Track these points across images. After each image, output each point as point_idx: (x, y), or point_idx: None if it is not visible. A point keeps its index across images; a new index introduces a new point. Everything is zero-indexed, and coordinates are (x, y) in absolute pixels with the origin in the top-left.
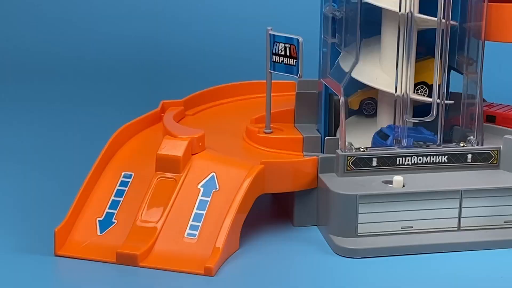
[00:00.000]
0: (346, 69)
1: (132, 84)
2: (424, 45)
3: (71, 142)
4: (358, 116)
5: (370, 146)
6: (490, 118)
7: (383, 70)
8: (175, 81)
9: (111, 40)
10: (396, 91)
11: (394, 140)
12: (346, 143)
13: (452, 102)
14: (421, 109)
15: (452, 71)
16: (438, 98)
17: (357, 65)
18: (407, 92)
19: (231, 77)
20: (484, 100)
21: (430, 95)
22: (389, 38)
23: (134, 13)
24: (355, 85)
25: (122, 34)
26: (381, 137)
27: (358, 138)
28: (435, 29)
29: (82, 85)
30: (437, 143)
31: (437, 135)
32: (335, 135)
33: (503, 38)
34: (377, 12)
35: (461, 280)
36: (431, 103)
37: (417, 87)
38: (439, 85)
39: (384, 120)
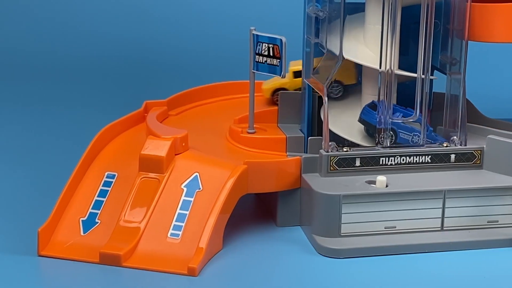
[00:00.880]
0: (330, 69)
1: (115, 84)
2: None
3: (54, 142)
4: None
5: (359, 118)
6: None
7: (367, 46)
8: (159, 81)
9: (94, 41)
10: (380, 67)
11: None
12: (330, 143)
13: (435, 78)
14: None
15: (435, 71)
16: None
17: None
18: (392, 68)
19: (215, 77)
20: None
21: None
22: (373, 13)
23: (117, 14)
24: None
25: (105, 34)
26: (371, 107)
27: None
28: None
29: (65, 86)
30: (421, 143)
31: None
32: (318, 136)
33: (487, 38)
34: (360, 11)
35: (444, 280)
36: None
37: (333, 85)
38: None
39: (368, 96)
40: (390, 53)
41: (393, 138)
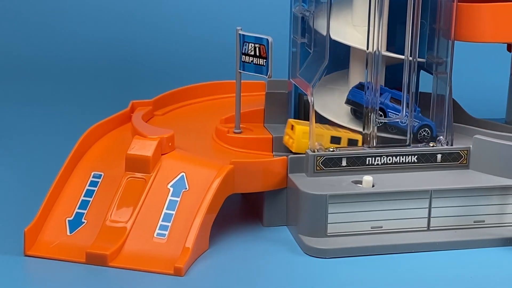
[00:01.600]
0: (316, 69)
1: (101, 84)
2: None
3: (40, 142)
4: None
5: (346, 99)
6: None
7: (355, 27)
8: (145, 81)
9: (80, 41)
10: (368, 48)
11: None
12: (316, 143)
13: (423, 60)
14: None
15: (421, 71)
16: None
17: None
18: (379, 49)
19: (201, 77)
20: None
21: None
22: None
23: (103, 14)
24: None
25: (91, 34)
26: (359, 88)
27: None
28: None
29: (52, 85)
30: (407, 143)
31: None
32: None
33: (473, 38)
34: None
35: (430, 280)
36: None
37: None
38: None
39: (356, 78)
40: (377, 34)
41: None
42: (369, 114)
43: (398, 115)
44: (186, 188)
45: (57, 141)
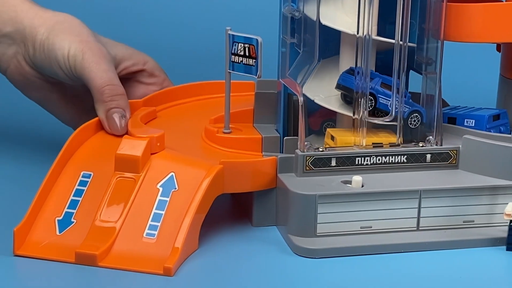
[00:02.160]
0: (305, 69)
1: None
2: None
3: (30, 141)
4: (317, 135)
5: (336, 84)
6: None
7: (345, 12)
8: None
9: None
10: (358, 32)
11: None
12: (305, 143)
13: (414, 45)
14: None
15: (411, 71)
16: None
17: (320, 8)
18: (369, 33)
19: (190, 77)
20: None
21: None
22: None
23: (93, 13)
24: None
25: None
26: (349, 73)
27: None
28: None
29: None
30: (396, 143)
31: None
32: (294, 135)
33: (463, 38)
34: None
35: (419, 280)
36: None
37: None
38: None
39: (346, 63)
40: (368, 18)
41: (373, 103)
42: (359, 99)
43: (388, 100)
44: (175, 188)
45: (46, 141)
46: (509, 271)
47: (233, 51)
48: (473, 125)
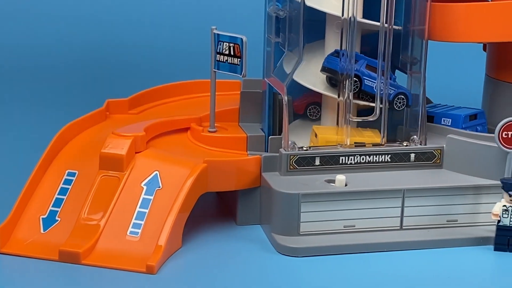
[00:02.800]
0: (290, 69)
1: (77, 83)
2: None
3: (15, 140)
4: (302, 120)
5: (322, 67)
6: None
7: None
8: (121, 80)
9: (56, 40)
10: (343, 14)
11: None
12: (290, 142)
13: (400, 28)
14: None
15: (396, 70)
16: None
17: None
18: (354, 15)
19: (176, 76)
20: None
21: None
22: None
23: (78, 14)
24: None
25: (66, 34)
26: (334, 56)
27: (302, 139)
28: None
29: (27, 84)
30: (381, 142)
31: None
32: (279, 135)
33: (447, 37)
34: (320, 11)
35: (403, 279)
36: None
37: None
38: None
39: (331, 46)
40: (353, 1)
41: (358, 85)
42: (344, 81)
43: (374, 82)
44: (159, 187)
45: (31, 139)
46: (497, 271)
47: (218, 50)
48: (449, 124)
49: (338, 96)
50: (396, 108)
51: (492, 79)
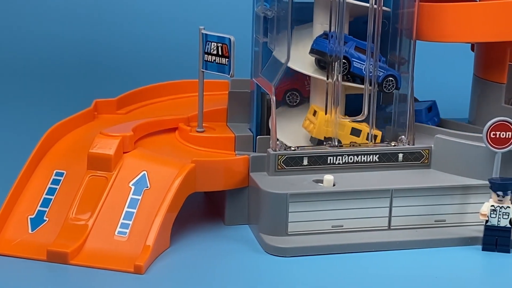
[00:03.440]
0: (278, 69)
1: (65, 83)
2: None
3: (3, 139)
4: (284, 106)
5: (310, 49)
6: None
7: None
8: (109, 80)
9: (43, 40)
10: None
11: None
12: (278, 142)
13: (388, 9)
14: None
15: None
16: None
17: None
18: None
19: (164, 76)
20: (416, 99)
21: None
22: None
23: (67, 13)
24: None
25: (54, 34)
26: (322, 37)
27: (289, 128)
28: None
29: (15, 84)
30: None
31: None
32: (267, 135)
33: (435, 37)
34: (308, 11)
35: (391, 279)
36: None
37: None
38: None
39: (318, 28)
40: None
41: (347, 67)
42: (333, 63)
43: (363, 64)
44: (147, 187)
45: (19, 139)
46: (485, 271)
47: (206, 50)
48: None
49: (327, 78)
50: (386, 91)
51: (480, 79)
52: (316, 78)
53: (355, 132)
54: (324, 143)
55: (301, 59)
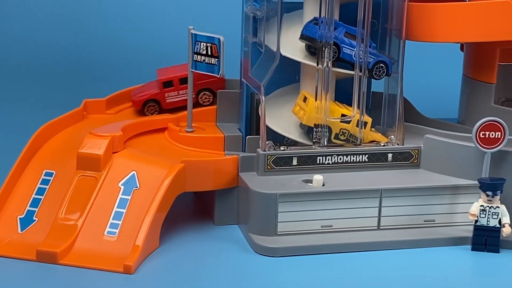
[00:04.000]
0: (267, 69)
1: (55, 83)
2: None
3: None
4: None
5: (300, 35)
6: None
7: None
8: (98, 80)
9: (32, 40)
10: None
11: None
12: (267, 142)
13: None
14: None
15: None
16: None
17: None
18: None
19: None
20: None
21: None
22: None
23: (56, 14)
24: None
25: (43, 33)
26: (312, 23)
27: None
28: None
29: (4, 84)
30: (358, 142)
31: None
32: (257, 135)
33: (425, 37)
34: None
35: (380, 279)
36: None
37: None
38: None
39: (309, 13)
40: None
41: (336, 53)
42: (323, 49)
43: (352, 50)
44: (137, 187)
45: (9, 139)
46: (474, 271)
47: (195, 50)
48: None
49: (317, 64)
50: (376, 77)
51: (470, 79)
52: (306, 64)
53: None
54: (314, 129)
55: (291, 45)
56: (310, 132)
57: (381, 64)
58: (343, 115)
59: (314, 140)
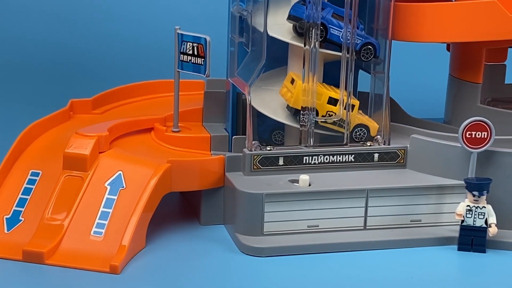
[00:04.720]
0: (253, 69)
1: (41, 83)
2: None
3: None
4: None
5: (288, 15)
6: None
7: None
8: (84, 80)
9: (18, 39)
10: None
11: None
12: (253, 142)
13: None
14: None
15: (360, 70)
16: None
17: None
18: None
19: (140, 76)
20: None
21: None
22: None
23: (43, 13)
24: None
25: (29, 33)
26: (300, 3)
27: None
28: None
29: None
30: (344, 142)
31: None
32: (243, 134)
33: (411, 37)
34: None
35: (366, 279)
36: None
37: None
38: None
39: None
40: None
41: (324, 34)
42: (310, 29)
43: (340, 31)
44: (123, 187)
45: None
46: (460, 271)
47: (182, 50)
48: None
49: (304, 45)
50: (364, 59)
51: (456, 79)
52: (294, 45)
53: (332, 101)
54: (301, 112)
55: (279, 26)
56: (297, 115)
57: (369, 46)
58: (330, 98)
59: (301, 123)
